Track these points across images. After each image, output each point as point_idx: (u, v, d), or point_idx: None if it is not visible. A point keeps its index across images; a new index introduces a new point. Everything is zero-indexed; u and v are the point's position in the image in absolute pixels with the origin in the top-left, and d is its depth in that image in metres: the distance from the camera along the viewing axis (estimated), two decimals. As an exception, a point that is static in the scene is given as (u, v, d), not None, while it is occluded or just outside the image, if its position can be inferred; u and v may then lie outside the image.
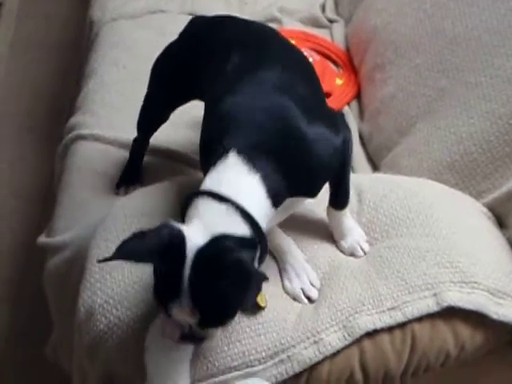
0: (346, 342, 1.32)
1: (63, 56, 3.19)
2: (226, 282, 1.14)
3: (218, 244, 1.16)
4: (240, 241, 1.17)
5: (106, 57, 2.18)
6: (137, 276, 1.38)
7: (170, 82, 1.61)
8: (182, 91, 1.60)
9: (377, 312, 1.34)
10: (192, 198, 1.22)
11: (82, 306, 1.41)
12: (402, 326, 1.35)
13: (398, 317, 1.34)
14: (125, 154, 1.84)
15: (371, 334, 1.33)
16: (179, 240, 1.16)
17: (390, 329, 1.34)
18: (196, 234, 1.17)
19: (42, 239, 1.80)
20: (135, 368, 1.33)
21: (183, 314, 1.18)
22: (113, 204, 1.61)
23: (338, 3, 2.46)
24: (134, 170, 1.80)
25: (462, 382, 1.54)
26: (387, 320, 1.33)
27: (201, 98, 1.52)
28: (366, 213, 1.51)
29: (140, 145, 1.80)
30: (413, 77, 1.87)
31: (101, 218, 1.57)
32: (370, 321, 1.33)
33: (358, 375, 1.33)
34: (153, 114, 1.71)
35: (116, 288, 1.39)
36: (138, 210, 1.52)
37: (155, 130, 1.74)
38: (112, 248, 1.38)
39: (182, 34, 1.64)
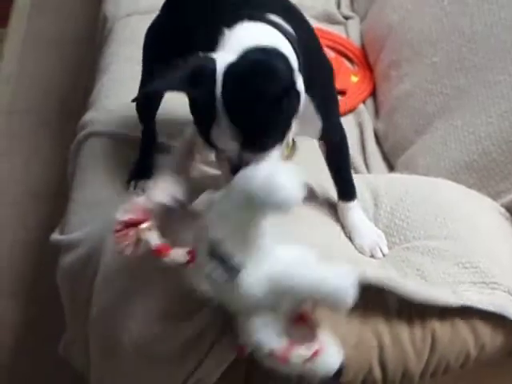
0: None
1: (75, 52, 3.19)
2: (261, 91, 1.12)
3: (250, 55, 1.14)
4: (277, 53, 1.16)
5: (120, 53, 2.16)
6: (149, 273, 1.35)
7: (158, 54, 1.64)
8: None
9: None
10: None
11: (95, 305, 1.43)
12: (422, 324, 1.34)
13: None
14: (137, 151, 1.81)
15: (392, 331, 1.32)
16: (210, 62, 1.15)
17: (410, 327, 1.34)
18: (227, 53, 1.15)
19: (56, 236, 1.80)
20: (150, 365, 1.34)
21: (226, 138, 1.15)
22: (126, 200, 1.60)
23: (353, 0, 2.44)
24: (145, 164, 1.79)
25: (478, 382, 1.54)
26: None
27: None
28: (383, 217, 1.51)
29: (147, 136, 1.80)
30: (430, 75, 1.86)
31: (115, 215, 1.55)
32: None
33: (377, 372, 1.33)
34: (147, 93, 1.68)
35: (128, 286, 1.39)
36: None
37: (154, 110, 1.74)
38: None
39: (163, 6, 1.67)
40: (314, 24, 2.28)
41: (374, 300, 1.31)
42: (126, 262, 1.40)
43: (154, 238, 1.20)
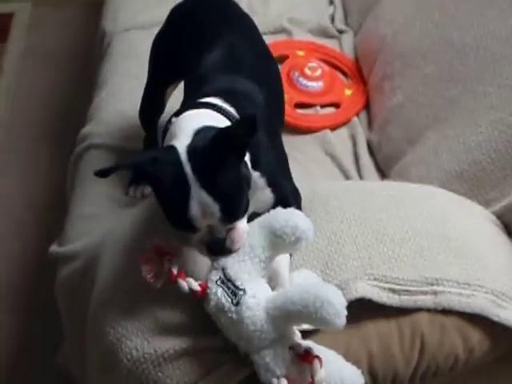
0: None
1: (73, 66, 3.22)
2: (224, 158, 1.22)
3: (203, 133, 1.25)
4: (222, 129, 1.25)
5: (118, 67, 2.20)
6: (144, 287, 1.37)
7: (159, 61, 1.75)
8: (168, 70, 1.72)
9: (377, 286, 1.35)
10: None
11: (92, 318, 1.44)
12: (411, 329, 1.36)
13: (395, 300, 1.35)
14: (136, 163, 1.85)
15: (380, 337, 1.34)
16: (171, 150, 1.25)
17: (399, 333, 1.35)
18: (181, 138, 1.25)
19: (54, 248, 1.82)
20: (146, 379, 1.34)
21: (206, 210, 1.22)
22: (123, 214, 1.63)
23: (347, 14, 2.47)
24: None
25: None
26: (383, 298, 1.35)
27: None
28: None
29: (148, 142, 1.85)
30: (421, 86, 1.88)
31: (112, 228, 1.59)
32: (367, 290, 1.34)
33: (366, 378, 1.33)
34: (148, 98, 1.81)
35: (122, 301, 1.41)
36: (146, 220, 1.53)
37: (155, 117, 1.81)
38: (121, 261, 1.45)
39: (166, 19, 1.76)
40: (309, 38, 2.34)
41: (362, 308, 1.33)
42: (122, 277, 1.44)
43: (175, 268, 1.30)
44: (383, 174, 1.93)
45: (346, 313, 1.17)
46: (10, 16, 3.51)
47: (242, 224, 1.28)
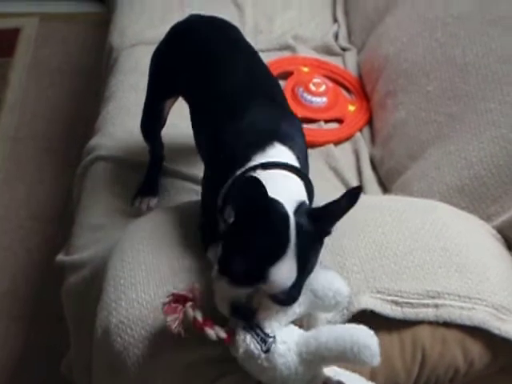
0: (344, 317, 1.35)
1: (79, 80, 3.26)
2: (319, 236, 1.26)
3: (305, 209, 1.26)
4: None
5: (125, 81, 2.23)
6: (149, 295, 1.40)
7: (156, 76, 1.78)
8: (166, 86, 1.75)
9: (380, 298, 1.36)
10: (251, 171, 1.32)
11: (100, 326, 1.43)
12: (413, 342, 1.37)
13: (397, 313, 1.36)
14: (142, 176, 1.88)
15: (382, 349, 1.32)
16: (281, 206, 1.24)
17: (400, 345, 1.37)
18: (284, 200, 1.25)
19: (61, 257, 1.84)
20: None
21: (279, 277, 1.20)
22: (129, 224, 1.64)
23: (350, 32, 2.51)
24: (150, 183, 1.86)
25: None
26: (386, 310, 1.35)
27: (183, 97, 1.69)
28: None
29: (152, 155, 1.87)
30: (424, 103, 1.91)
31: (118, 238, 1.59)
32: (370, 302, 1.35)
33: None
34: (147, 111, 1.83)
35: (130, 308, 1.40)
36: (153, 230, 1.55)
37: (155, 130, 1.83)
38: (128, 268, 1.46)
39: (165, 36, 1.80)
40: (313, 55, 2.37)
41: (364, 321, 1.32)
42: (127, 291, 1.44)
43: (199, 315, 1.27)
44: (385, 188, 1.95)
45: (379, 350, 1.18)
46: (17, 31, 3.54)
47: (273, 312, 1.26)
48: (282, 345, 1.23)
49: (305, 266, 1.23)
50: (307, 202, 1.31)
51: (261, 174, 1.31)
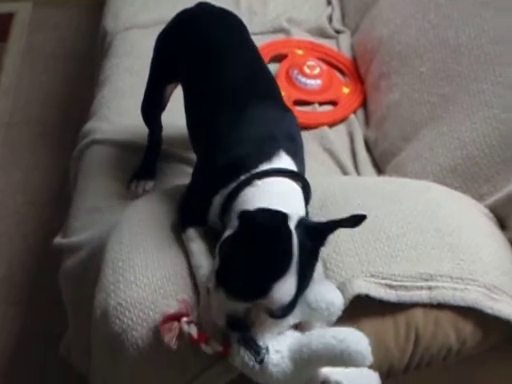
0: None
1: (73, 65, 3.26)
2: (314, 261, 1.27)
3: (304, 223, 1.27)
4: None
5: (120, 65, 2.23)
6: (147, 278, 1.41)
7: (157, 61, 1.78)
8: (167, 72, 1.75)
9: (375, 282, 1.37)
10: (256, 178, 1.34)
11: (98, 308, 1.44)
12: (406, 323, 1.38)
13: (392, 296, 1.37)
14: (138, 159, 1.89)
15: (376, 331, 1.36)
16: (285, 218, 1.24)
17: (395, 327, 1.38)
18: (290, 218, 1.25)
19: (58, 240, 1.85)
20: (152, 368, 1.36)
21: (277, 294, 1.21)
22: (127, 206, 1.65)
23: (344, 14, 2.51)
24: (147, 166, 1.87)
25: (464, 378, 1.58)
26: (381, 294, 1.36)
27: (181, 85, 1.70)
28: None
29: (151, 138, 1.88)
30: (417, 84, 1.92)
31: (115, 221, 1.60)
32: (365, 286, 1.36)
33: None
34: (148, 94, 1.83)
35: (128, 290, 1.41)
36: (150, 212, 1.56)
37: (155, 113, 1.84)
38: (126, 250, 1.47)
39: (171, 22, 1.78)
40: (307, 38, 2.37)
41: (358, 304, 1.35)
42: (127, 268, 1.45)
43: (194, 331, 1.29)
44: (380, 169, 1.97)
45: (370, 350, 1.20)
46: (10, 16, 3.54)
47: (269, 325, 1.27)
48: (275, 355, 1.25)
49: (303, 282, 1.25)
50: (305, 215, 1.33)
51: (266, 181, 1.33)
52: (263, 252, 1.21)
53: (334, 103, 2.18)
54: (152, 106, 1.84)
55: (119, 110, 2.06)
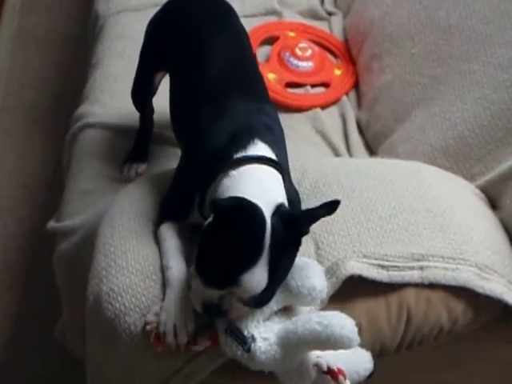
0: (334, 286, 1.36)
1: (65, 49, 3.25)
2: (295, 241, 1.27)
3: (284, 212, 1.27)
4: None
5: (112, 48, 2.22)
6: (139, 264, 1.41)
7: (147, 47, 1.78)
8: (155, 59, 1.75)
9: (367, 263, 1.38)
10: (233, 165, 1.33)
11: (91, 293, 1.45)
12: (398, 303, 1.40)
13: (384, 276, 1.38)
14: (131, 142, 1.89)
15: (368, 311, 1.38)
16: (258, 209, 1.23)
17: (387, 306, 1.39)
18: (262, 206, 1.25)
19: (52, 224, 1.85)
20: (144, 353, 1.36)
21: (249, 283, 1.21)
22: (120, 190, 1.65)
23: (336, -4, 2.50)
24: (139, 149, 1.87)
25: (457, 357, 1.60)
26: (373, 274, 1.38)
27: (169, 73, 1.70)
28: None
29: (143, 122, 1.88)
30: (409, 66, 1.92)
31: (108, 204, 1.61)
32: (358, 267, 1.37)
33: None
34: (138, 80, 1.83)
35: (120, 276, 1.41)
36: (142, 197, 1.56)
37: (145, 99, 1.83)
38: (118, 236, 1.47)
39: (161, 10, 1.77)
40: (299, 20, 2.37)
41: (351, 285, 1.37)
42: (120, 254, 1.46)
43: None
44: (372, 151, 1.97)
45: (357, 332, 1.20)
46: (1, 0, 3.52)
47: (245, 311, 1.27)
48: (262, 342, 1.26)
49: (277, 271, 1.24)
50: (285, 202, 1.31)
51: (241, 170, 1.33)
52: (232, 241, 1.21)
53: (326, 85, 2.18)
54: (142, 93, 1.84)
55: (111, 94, 2.05)
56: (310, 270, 1.31)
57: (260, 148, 1.37)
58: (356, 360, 1.32)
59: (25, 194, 2.66)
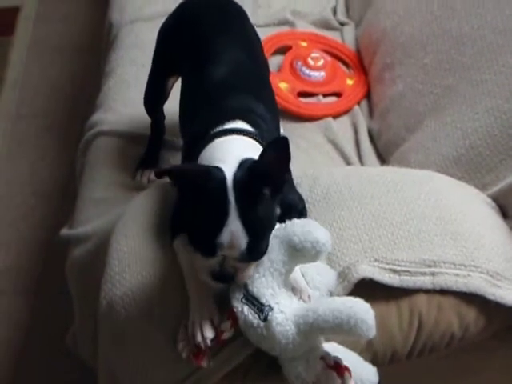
0: (346, 288, 1.37)
1: (79, 58, 3.27)
2: (264, 195, 1.26)
3: (247, 164, 1.28)
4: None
5: (125, 57, 2.25)
6: (153, 269, 1.43)
7: (158, 53, 1.80)
8: (167, 65, 1.77)
9: (378, 267, 1.39)
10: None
11: (104, 298, 1.46)
12: (410, 309, 1.40)
13: (395, 281, 1.39)
14: (144, 149, 1.90)
15: (380, 317, 1.35)
16: (219, 171, 1.26)
17: (398, 312, 1.40)
18: (227, 164, 1.27)
19: (65, 231, 1.86)
20: (155, 358, 1.38)
21: (231, 240, 1.23)
22: (132, 198, 1.66)
23: (348, 7, 2.52)
24: (151, 156, 1.89)
25: (468, 366, 1.60)
26: (385, 278, 1.38)
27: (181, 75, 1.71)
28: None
29: (154, 129, 1.90)
30: (421, 76, 1.92)
31: (121, 211, 1.62)
32: (369, 270, 1.38)
33: (366, 356, 1.37)
34: (150, 86, 1.85)
35: (134, 281, 1.43)
36: (155, 204, 1.57)
37: (157, 104, 1.86)
38: (132, 242, 1.49)
39: (171, 15, 1.80)
40: (312, 30, 2.38)
41: (362, 290, 1.37)
42: (134, 258, 1.47)
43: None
44: (383, 160, 1.97)
45: (375, 323, 1.22)
46: (16, 9, 3.56)
47: (251, 269, 1.30)
48: (279, 314, 1.27)
49: (255, 222, 1.25)
50: (254, 157, 1.30)
51: (214, 142, 1.36)
52: (197, 209, 1.26)
53: (338, 95, 2.19)
54: (154, 98, 1.86)
55: (125, 102, 2.08)
56: (311, 224, 1.31)
57: (237, 123, 1.41)
58: (362, 371, 1.33)
59: (37, 201, 2.69)
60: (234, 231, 1.24)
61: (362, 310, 1.21)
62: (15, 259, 2.50)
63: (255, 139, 1.39)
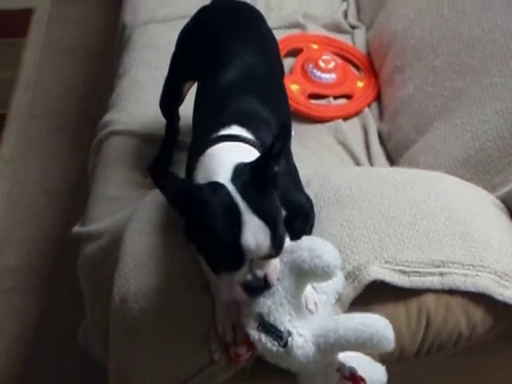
0: (357, 290, 1.39)
1: (91, 60, 3.29)
2: (269, 192, 1.25)
3: (242, 166, 1.26)
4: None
5: (138, 58, 2.26)
6: (166, 267, 1.45)
7: (176, 58, 1.81)
8: (184, 70, 1.78)
9: (388, 268, 1.40)
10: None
11: (117, 293, 1.47)
12: (418, 307, 1.41)
13: (405, 282, 1.40)
14: (156, 149, 1.92)
15: (388, 315, 1.36)
16: (212, 182, 1.25)
17: (406, 310, 1.41)
18: (221, 173, 1.26)
19: (77, 228, 1.88)
20: (166, 355, 1.39)
21: (255, 237, 1.21)
22: (144, 196, 1.68)
23: (359, 10, 2.53)
24: (164, 156, 1.91)
25: (476, 366, 1.61)
26: (395, 280, 1.40)
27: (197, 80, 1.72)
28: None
29: (169, 130, 1.91)
30: (431, 78, 1.93)
31: (134, 209, 1.64)
32: (380, 272, 1.39)
33: (374, 355, 1.38)
34: (166, 89, 1.86)
35: (148, 277, 1.45)
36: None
37: (173, 108, 1.87)
38: (145, 239, 1.51)
39: (190, 21, 1.81)
40: (323, 33, 2.39)
41: (371, 289, 1.39)
42: (147, 255, 1.49)
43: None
44: (393, 161, 1.98)
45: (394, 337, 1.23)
46: (29, 11, 3.57)
47: (278, 269, 1.29)
48: (299, 338, 1.28)
49: (269, 215, 1.23)
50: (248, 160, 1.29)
51: (209, 151, 1.34)
52: (208, 224, 1.22)
53: (348, 97, 2.20)
54: (170, 101, 1.88)
55: (137, 102, 2.09)
56: (319, 246, 1.30)
57: (234, 130, 1.39)
58: (372, 371, 1.34)
59: (49, 200, 2.71)
60: (254, 227, 1.21)
61: (382, 327, 1.24)
62: (26, 258, 2.52)
63: (251, 145, 1.37)
